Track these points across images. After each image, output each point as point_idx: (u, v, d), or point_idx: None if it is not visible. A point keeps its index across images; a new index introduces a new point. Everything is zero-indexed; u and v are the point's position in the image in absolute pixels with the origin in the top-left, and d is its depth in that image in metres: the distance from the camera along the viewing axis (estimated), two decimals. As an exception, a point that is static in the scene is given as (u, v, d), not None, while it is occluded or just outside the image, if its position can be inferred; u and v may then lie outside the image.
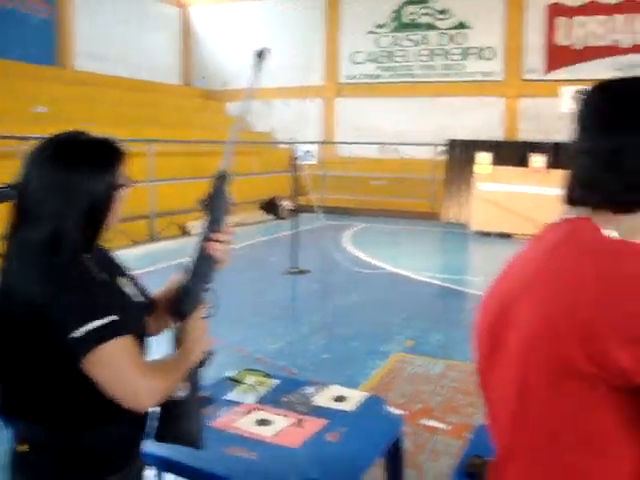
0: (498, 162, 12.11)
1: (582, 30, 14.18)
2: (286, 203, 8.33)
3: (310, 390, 2.68)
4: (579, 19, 14.17)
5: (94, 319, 1.42)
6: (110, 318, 1.44)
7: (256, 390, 2.67)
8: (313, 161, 10.22)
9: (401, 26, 15.95)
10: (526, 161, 11.87)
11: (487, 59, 15.16)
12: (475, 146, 12.73)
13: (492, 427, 1.28)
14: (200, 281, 1.63)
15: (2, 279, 1.49)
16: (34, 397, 1.51)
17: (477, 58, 15.26)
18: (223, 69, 17.33)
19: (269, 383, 2.76)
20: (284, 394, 2.62)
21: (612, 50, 13.86)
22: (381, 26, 16.12)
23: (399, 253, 10.03)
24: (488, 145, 12.69)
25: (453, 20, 15.42)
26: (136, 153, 9.55)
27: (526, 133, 14.24)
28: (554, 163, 11.36)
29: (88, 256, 1.53)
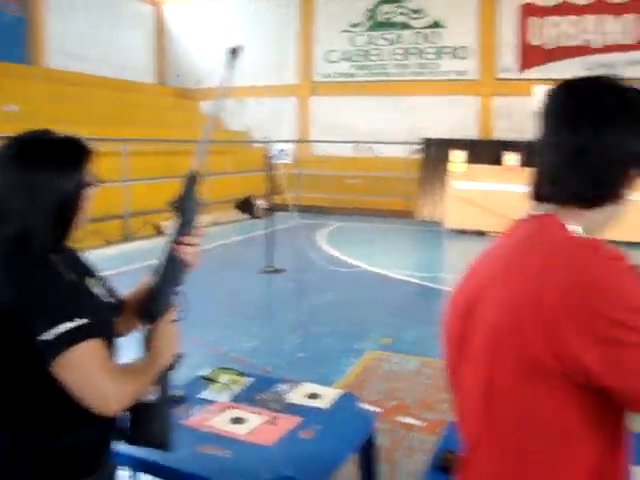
0: (472, 160, 12.20)
1: (554, 30, 14.34)
2: (261, 202, 8.30)
3: (284, 388, 2.68)
4: (551, 19, 14.33)
5: (63, 321, 1.41)
6: (80, 320, 1.43)
7: (230, 388, 2.67)
8: (288, 160, 10.23)
9: (376, 25, 16.00)
10: (500, 159, 11.98)
11: (461, 58, 15.26)
12: (449, 144, 12.79)
13: (460, 421, 1.30)
14: (170, 284, 1.61)
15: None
16: (3, 401, 1.49)
17: (451, 57, 15.36)
18: (197, 67, 17.21)
19: (243, 381, 2.76)
20: (258, 392, 2.61)
21: (583, 50, 14.04)
22: (356, 25, 16.15)
23: (374, 251, 10.05)
24: (462, 143, 12.77)
25: (428, 19, 15.51)
26: (110, 152, 9.51)
27: (500, 132, 14.33)
28: (528, 161, 11.44)
29: (57, 256, 1.52)
